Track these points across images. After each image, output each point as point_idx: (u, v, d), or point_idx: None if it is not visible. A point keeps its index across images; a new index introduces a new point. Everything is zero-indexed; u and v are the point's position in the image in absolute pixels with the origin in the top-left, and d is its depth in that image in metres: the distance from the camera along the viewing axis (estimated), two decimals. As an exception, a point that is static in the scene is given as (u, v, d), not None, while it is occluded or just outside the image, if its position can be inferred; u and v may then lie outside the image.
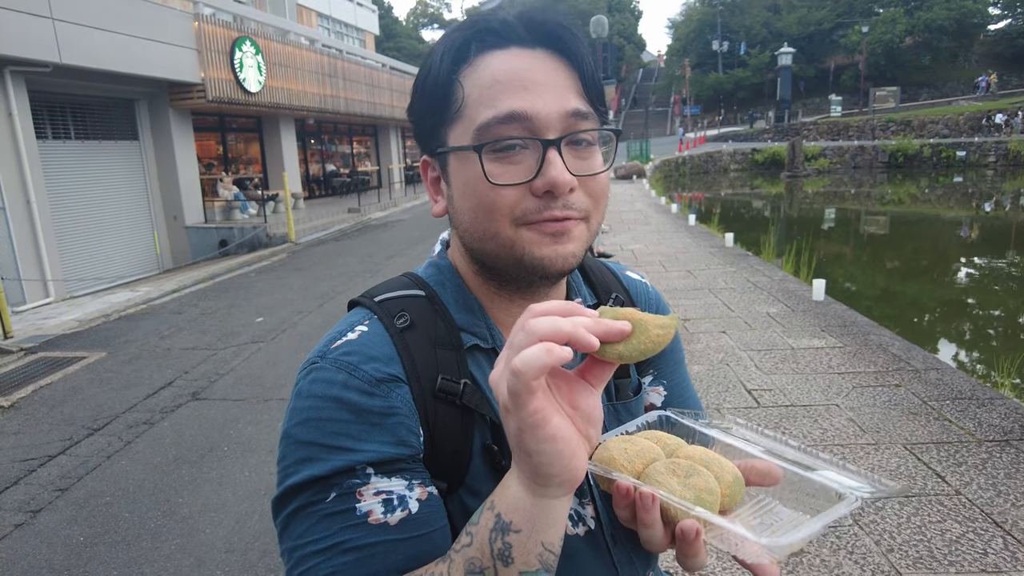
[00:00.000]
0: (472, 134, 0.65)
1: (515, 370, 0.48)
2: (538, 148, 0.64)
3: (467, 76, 0.67)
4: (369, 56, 23.19)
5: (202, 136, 15.27)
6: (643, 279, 0.96)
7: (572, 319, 0.50)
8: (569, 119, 0.65)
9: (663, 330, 0.54)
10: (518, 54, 0.66)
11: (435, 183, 0.75)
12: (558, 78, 0.66)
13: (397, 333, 0.69)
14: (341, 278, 9.54)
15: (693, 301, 6.74)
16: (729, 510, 0.59)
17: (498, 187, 0.64)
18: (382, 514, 0.61)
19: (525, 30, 0.67)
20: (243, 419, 4.65)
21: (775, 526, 0.57)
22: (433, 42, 7.09)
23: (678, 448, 0.64)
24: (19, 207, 9.09)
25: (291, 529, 0.63)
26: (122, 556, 3.15)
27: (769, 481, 0.61)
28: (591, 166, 0.68)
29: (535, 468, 0.53)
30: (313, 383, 0.65)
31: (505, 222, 0.65)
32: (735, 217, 19.40)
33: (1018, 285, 10.62)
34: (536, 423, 0.50)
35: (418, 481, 0.64)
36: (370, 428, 0.63)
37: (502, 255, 0.68)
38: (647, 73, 71.31)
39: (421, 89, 0.70)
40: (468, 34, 0.68)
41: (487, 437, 0.70)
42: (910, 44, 45.27)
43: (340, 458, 0.62)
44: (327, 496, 0.61)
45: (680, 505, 0.55)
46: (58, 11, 9.38)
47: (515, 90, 0.64)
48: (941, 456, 3.34)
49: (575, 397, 0.55)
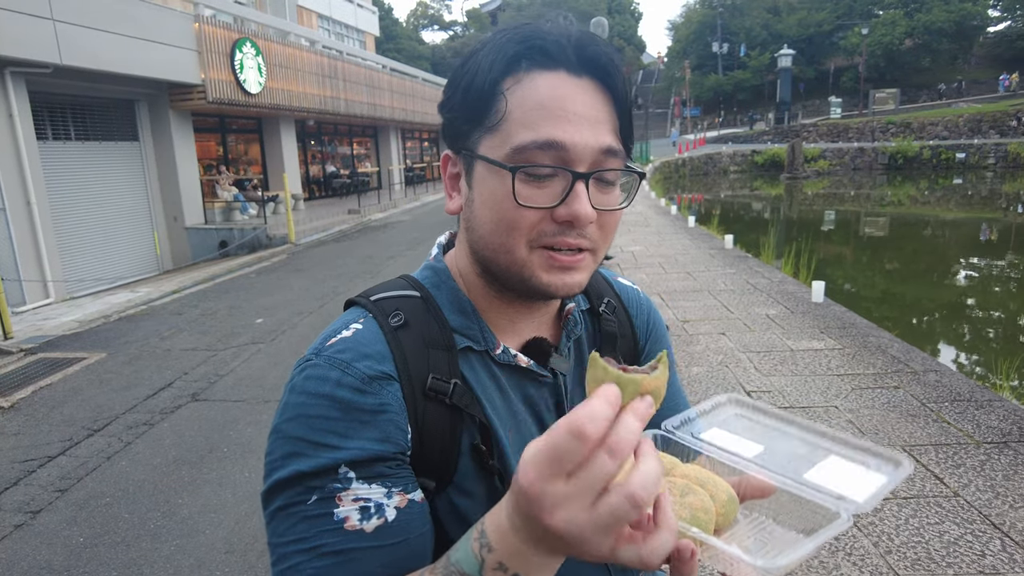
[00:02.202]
0: (508, 151, 0.66)
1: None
2: (567, 178, 0.66)
3: (512, 91, 0.67)
4: (369, 57, 23.19)
5: (202, 137, 15.27)
6: (635, 286, 0.96)
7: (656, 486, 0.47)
8: (600, 155, 0.67)
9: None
10: (565, 80, 0.67)
11: (454, 179, 0.76)
12: (598, 112, 0.68)
13: (391, 331, 0.70)
14: (341, 279, 9.54)
15: (692, 303, 6.75)
16: (723, 529, 0.60)
17: (522, 208, 0.66)
18: (358, 521, 0.62)
19: (576, 56, 0.68)
20: (243, 420, 4.65)
21: (769, 545, 0.58)
22: (433, 44, 7.03)
23: (673, 467, 0.64)
24: (19, 208, 9.09)
25: (275, 526, 0.64)
26: (122, 557, 3.15)
27: (763, 495, 0.62)
28: (610, 201, 0.70)
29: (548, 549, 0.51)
30: (307, 380, 0.67)
31: (521, 241, 0.67)
32: (735, 219, 19.41)
33: (1017, 287, 10.63)
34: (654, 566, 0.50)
35: (399, 488, 0.65)
36: (358, 425, 0.64)
37: (511, 271, 0.70)
38: (647, 75, 71.40)
39: (464, 90, 0.70)
40: (520, 48, 0.68)
41: (475, 437, 0.70)
42: (910, 46, 45.34)
43: (325, 455, 0.63)
44: (308, 498, 0.63)
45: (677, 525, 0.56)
46: (59, 12, 9.38)
47: (556, 119, 0.65)
48: (940, 458, 3.35)
49: None
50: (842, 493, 0.56)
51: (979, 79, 45.34)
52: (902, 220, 18.16)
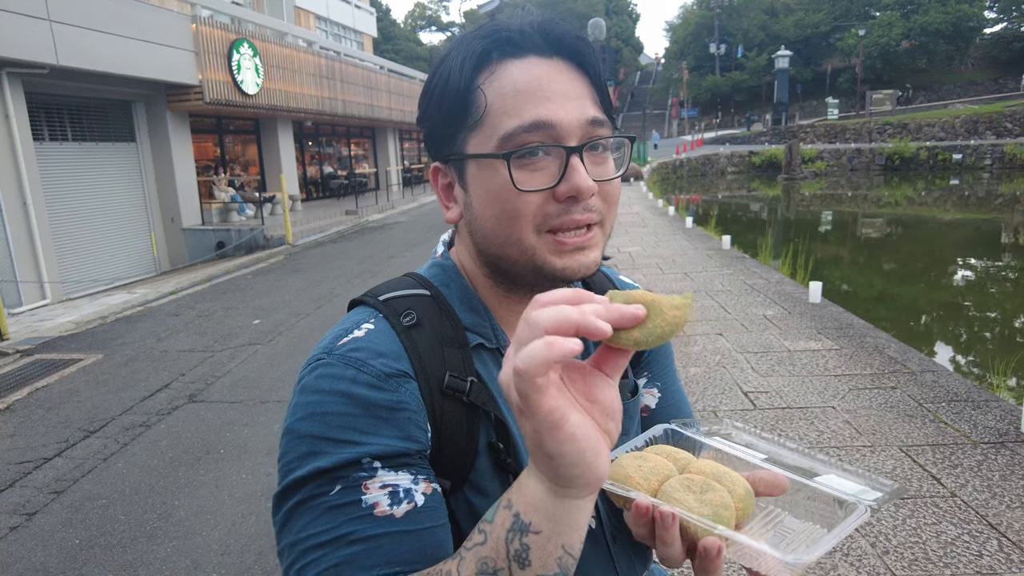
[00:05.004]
0: (496, 142, 0.66)
1: (517, 370, 0.46)
2: (560, 155, 0.66)
3: (488, 84, 0.67)
4: (367, 58, 23.18)
5: (200, 138, 15.26)
6: (635, 284, 0.96)
7: (580, 307, 0.47)
8: (588, 127, 0.67)
9: (679, 311, 0.50)
10: (536, 63, 0.67)
11: (447, 189, 0.76)
12: (575, 87, 0.68)
13: (404, 331, 0.70)
14: (339, 280, 9.53)
15: (690, 303, 6.75)
16: (741, 523, 0.60)
17: (523, 193, 0.65)
18: (388, 506, 0.61)
19: (543, 40, 0.68)
20: (240, 421, 4.64)
21: (789, 539, 0.58)
22: (431, 45, 7.01)
23: (689, 463, 0.64)
24: (16, 209, 9.07)
25: (293, 523, 0.62)
26: (118, 559, 3.14)
27: (776, 491, 0.62)
28: (606, 171, 0.70)
29: (556, 470, 0.50)
30: (319, 378, 0.65)
31: (528, 228, 0.67)
32: (732, 219, 19.43)
33: (1014, 287, 10.65)
34: (553, 424, 0.47)
35: (423, 476, 0.64)
36: (377, 422, 0.63)
37: (521, 261, 0.69)
38: (645, 76, 71.49)
39: (439, 96, 0.70)
40: (487, 43, 0.68)
41: (492, 435, 0.70)
42: (906, 47, 45.46)
43: (346, 451, 0.61)
44: (332, 488, 0.61)
45: (701, 523, 0.56)
46: (55, 13, 9.36)
47: (537, 99, 0.66)
48: (936, 458, 3.35)
49: (592, 390, 0.51)
50: (852, 487, 0.57)
51: (976, 80, 45.49)
52: (899, 221, 18.20)
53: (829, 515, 0.57)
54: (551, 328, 0.45)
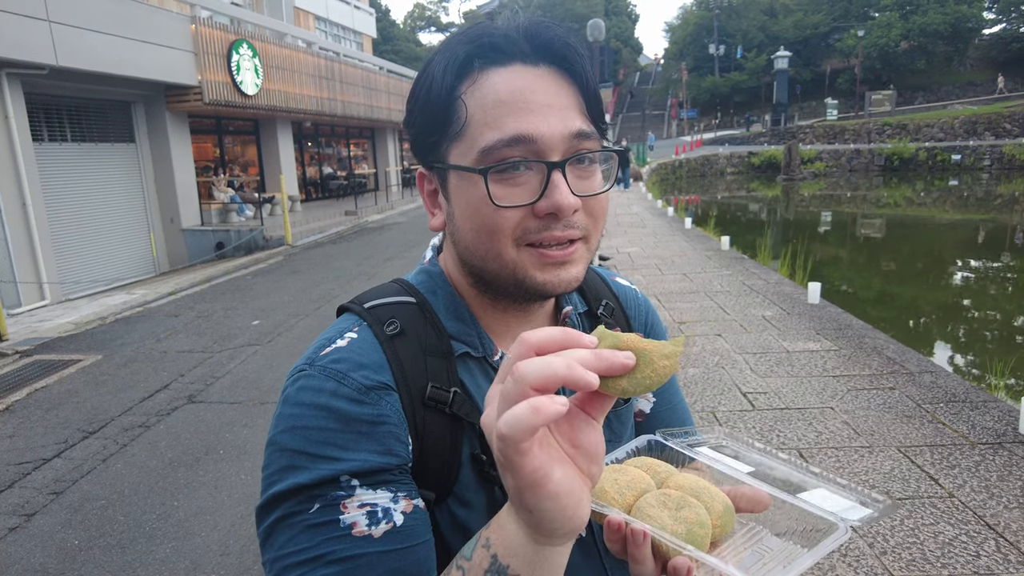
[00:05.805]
0: (476, 155, 0.64)
1: (501, 435, 0.44)
2: (542, 170, 0.64)
3: (469, 94, 0.65)
4: (366, 59, 23.17)
5: (199, 139, 15.26)
6: (632, 285, 0.95)
7: (567, 357, 0.45)
8: (572, 140, 0.65)
9: (668, 360, 0.49)
10: (521, 72, 0.65)
11: (432, 196, 0.74)
12: (561, 98, 0.66)
13: (387, 340, 0.68)
14: (338, 281, 9.54)
15: (689, 304, 6.76)
16: (719, 541, 0.58)
17: (502, 208, 0.63)
18: (366, 526, 0.60)
19: (529, 46, 0.66)
20: (239, 422, 4.64)
21: (765, 559, 0.56)
22: (430, 46, 7.01)
23: (669, 477, 0.62)
24: (15, 209, 9.07)
25: (274, 539, 0.61)
26: (117, 559, 3.14)
27: (758, 508, 0.60)
28: (592, 186, 0.67)
29: (536, 523, 0.49)
30: (301, 391, 0.64)
31: (507, 243, 0.65)
32: (731, 220, 19.43)
33: (1012, 288, 10.66)
34: (535, 482, 0.46)
35: (404, 493, 0.63)
36: (358, 437, 0.62)
37: (503, 274, 0.67)
38: (644, 76, 71.45)
39: (422, 103, 0.69)
40: (470, 49, 0.66)
41: (475, 446, 0.69)
42: (905, 48, 45.48)
43: (325, 467, 0.61)
44: (311, 507, 0.60)
45: (671, 543, 0.54)
46: (54, 13, 9.36)
47: (519, 112, 0.63)
48: (935, 459, 3.36)
49: (576, 434, 0.49)
50: (835, 512, 0.55)
51: (975, 81, 45.52)
52: (898, 221, 18.21)
53: (811, 533, 0.56)
54: (537, 384, 0.44)
